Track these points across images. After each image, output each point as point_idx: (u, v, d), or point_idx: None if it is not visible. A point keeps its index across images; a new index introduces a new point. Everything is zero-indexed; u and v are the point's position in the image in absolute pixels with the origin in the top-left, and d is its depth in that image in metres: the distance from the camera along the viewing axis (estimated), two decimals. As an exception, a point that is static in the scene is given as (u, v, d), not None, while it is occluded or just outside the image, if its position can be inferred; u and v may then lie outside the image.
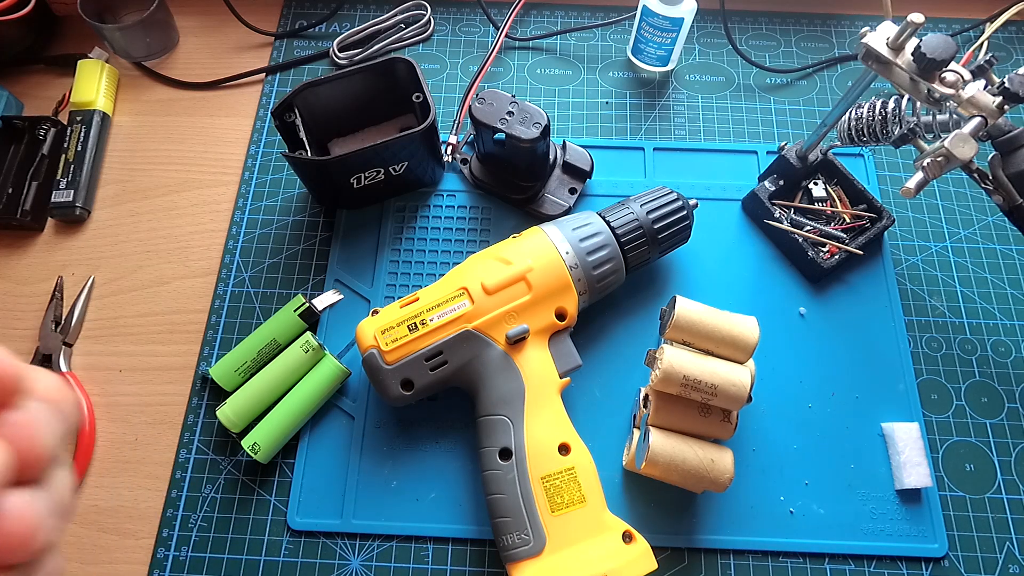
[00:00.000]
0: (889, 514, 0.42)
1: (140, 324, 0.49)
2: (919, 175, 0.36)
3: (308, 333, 0.44)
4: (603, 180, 0.53)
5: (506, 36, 0.59)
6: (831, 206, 0.50)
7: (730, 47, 0.59)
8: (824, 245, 0.48)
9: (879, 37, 0.37)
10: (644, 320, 0.48)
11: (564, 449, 0.39)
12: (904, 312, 0.48)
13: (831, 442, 0.44)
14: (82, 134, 0.54)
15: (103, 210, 0.53)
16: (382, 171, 0.48)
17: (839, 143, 0.46)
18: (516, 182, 0.51)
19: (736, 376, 0.38)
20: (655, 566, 0.37)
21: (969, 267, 0.50)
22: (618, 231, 0.44)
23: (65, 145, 0.53)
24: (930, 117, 0.40)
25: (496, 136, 0.47)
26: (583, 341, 0.46)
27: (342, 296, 0.47)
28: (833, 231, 0.48)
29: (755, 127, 0.56)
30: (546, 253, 0.42)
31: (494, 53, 0.58)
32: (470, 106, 0.47)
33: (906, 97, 0.40)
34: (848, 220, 0.49)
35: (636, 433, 0.43)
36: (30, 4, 0.55)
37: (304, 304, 0.45)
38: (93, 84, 0.55)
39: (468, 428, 0.45)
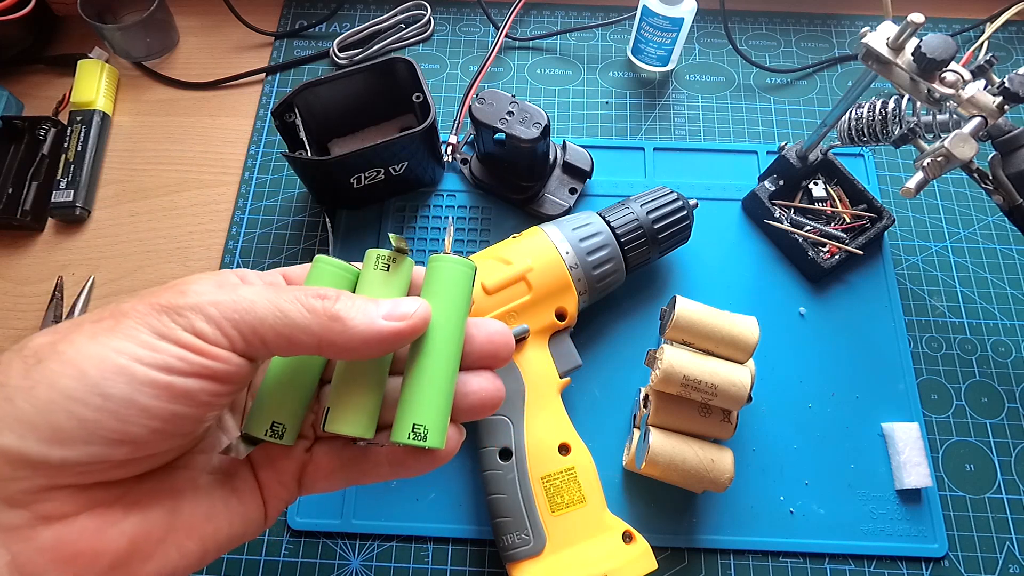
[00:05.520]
0: (889, 514, 0.42)
1: (140, 324, 0.49)
2: (919, 175, 0.36)
3: (373, 250, 0.26)
4: (603, 180, 0.53)
5: (506, 36, 0.59)
6: (831, 206, 0.50)
7: (730, 47, 0.59)
8: (824, 245, 0.48)
9: (879, 37, 0.37)
10: (644, 320, 0.48)
11: (564, 449, 0.39)
12: (904, 312, 0.48)
13: (831, 442, 0.44)
14: (82, 134, 0.54)
15: (103, 210, 0.53)
16: (382, 171, 0.48)
17: (839, 143, 0.46)
18: (516, 182, 0.51)
19: (736, 376, 0.38)
20: (655, 566, 0.37)
21: (969, 267, 0.50)
22: (618, 231, 0.44)
23: (65, 145, 0.53)
24: (930, 117, 0.40)
25: (496, 136, 0.47)
26: (583, 341, 0.46)
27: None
28: (833, 231, 0.48)
29: (755, 127, 0.56)
30: (546, 253, 0.42)
31: (494, 53, 0.58)
32: (470, 106, 0.47)
33: (906, 97, 0.40)
34: (848, 220, 0.49)
35: (636, 433, 0.43)
36: (30, 4, 0.55)
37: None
38: (93, 84, 0.55)
39: (468, 428, 0.45)
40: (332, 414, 0.24)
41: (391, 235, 0.25)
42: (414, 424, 0.23)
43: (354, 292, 0.25)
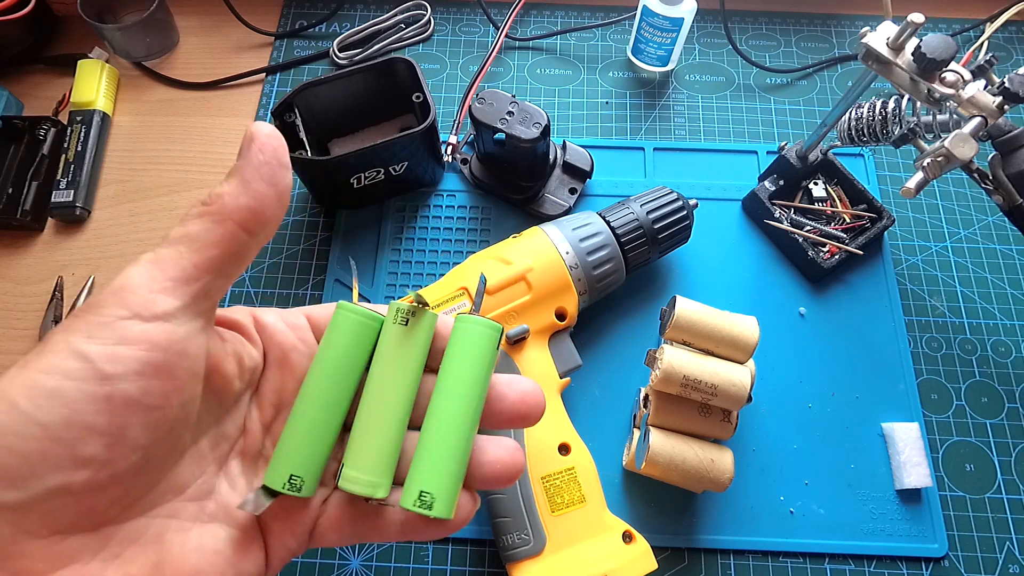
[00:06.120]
0: (889, 514, 0.42)
1: (140, 324, 0.49)
2: (919, 175, 0.36)
3: (396, 302, 0.24)
4: (603, 180, 0.53)
5: (506, 36, 0.59)
6: (831, 206, 0.50)
7: (730, 47, 0.59)
8: (824, 245, 0.48)
9: (879, 37, 0.37)
10: (644, 320, 0.48)
11: (564, 449, 0.39)
12: (904, 312, 0.48)
13: (831, 442, 0.44)
14: (82, 134, 0.54)
15: (103, 210, 0.53)
16: (382, 171, 0.48)
17: (839, 143, 0.46)
18: (516, 182, 0.51)
19: (736, 376, 0.38)
20: (655, 566, 0.37)
21: (969, 267, 0.50)
22: (618, 231, 0.44)
23: (65, 145, 0.53)
24: (930, 117, 0.40)
25: (496, 136, 0.47)
26: (583, 341, 0.46)
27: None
28: (833, 231, 0.48)
29: (755, 127, 0.56)
30: (546, 253, 0.42)
31: (494, 53, 0.58)
32: (470, 106, 0.47)
33: (906, 97, 0.40)
34: (848, 220, 0.49)
35: (636, 433, 0.43)
36: (30, 4, 0.55)
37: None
38: (93, 84, 0.55)
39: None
40: (346, 472, 0.23)
41: (411, 292, 0.24)
42: (421, 492, 0.22)
43: (377, 342, 0.24)
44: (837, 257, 0.48)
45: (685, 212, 0.46)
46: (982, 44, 0.56)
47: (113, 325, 0.19)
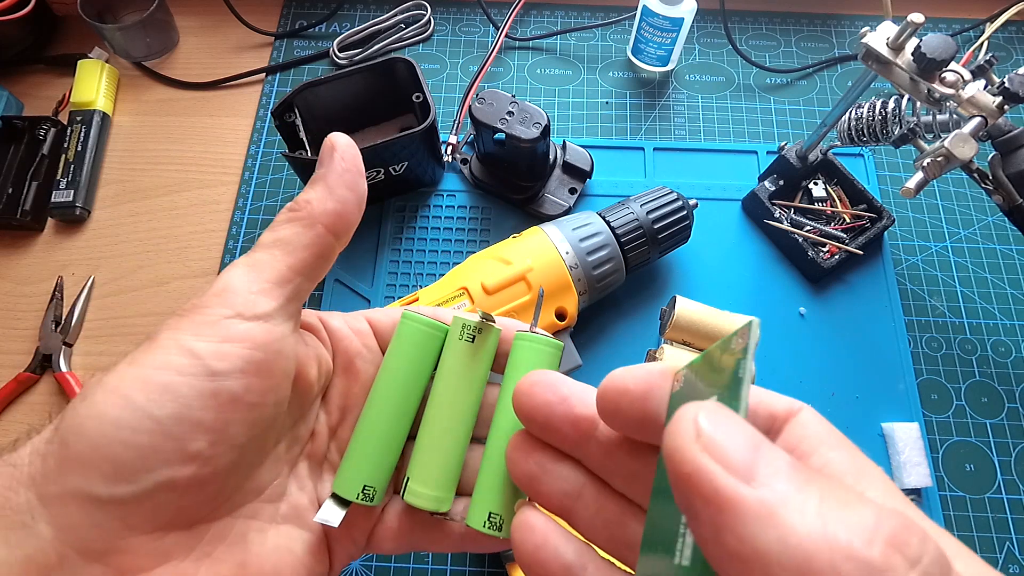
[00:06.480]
0: (889, 514, 0.42)
1: (140, 324, 0.49)
2: (919, 175, 0.36)
3: (459, 317, 0.24)
4: (603, 180, 0.53)
5: (506, 36, 0.59)
6: (831, 206, 0.50)
7: (730, 47, 0.58)
8: (824, 245, 0.48)
9: (879, 37, 0.37)
10: (644, 320, 0.48)
11: (564, 449, 0.38)
12: (904, 312, 0.48)
13: (831, 442, 0.44)
14: (82, 134, 0.54)
15: (103, 210, 0.53)
16: (382, 171, 0.48)
17: (839, 143, 0.46)
18: (516, 182, 0.51)
19: (736, 376, 0.38)
20: (655, 566, 0.37)
21: (969, 267, 0.50)
22: (618, 231, 0.44)
23: (65, 145, 0.53)
24: (930, 117, 0.40)
25: (496, 136, 0.47)
26: (583, 341, 0.46)
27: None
28: (833, 231, 0.48)
29: (755, 127, 0.56)
30: (546, 253, 0.42)
31: (494, 53, 0.58)
32: (470, 106, 0.47)
33: (906, 97, 0.40)
34: (848, 220, 0.49)
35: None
36: (30, 4, 0.55)
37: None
38: (93, 84, 0.55)
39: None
40: (411, 486, 0.23)
41: (480, 309, 0.24)
42: (490, 513, 0.22)
43: (442, 353, 0.24)
44: (837, 257, 0.48)
45: (685, 212, 0.46)
46: (982, 44, 0.56)
47: (218, 324, 0.19)
